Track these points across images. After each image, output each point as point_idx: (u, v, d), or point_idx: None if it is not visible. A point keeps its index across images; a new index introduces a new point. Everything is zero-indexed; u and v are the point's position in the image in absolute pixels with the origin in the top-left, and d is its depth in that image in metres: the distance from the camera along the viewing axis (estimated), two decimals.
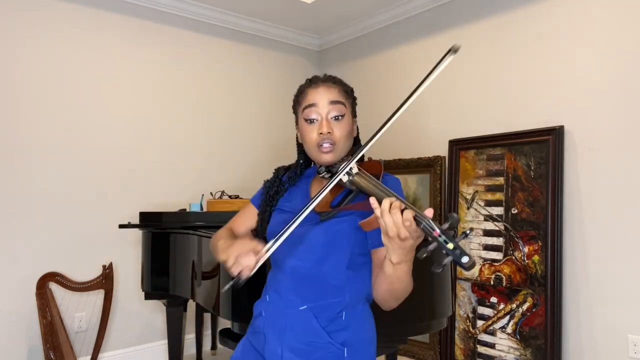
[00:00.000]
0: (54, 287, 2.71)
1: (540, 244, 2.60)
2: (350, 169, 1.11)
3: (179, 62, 3.42)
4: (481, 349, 2.81)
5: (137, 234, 3.06)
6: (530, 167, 2.69)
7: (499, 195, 2.81)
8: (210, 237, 2.02)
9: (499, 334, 2.73)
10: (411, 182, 3.35)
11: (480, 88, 3.03)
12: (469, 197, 2.96)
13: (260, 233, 1.30)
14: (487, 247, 2.83)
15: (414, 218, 0.94)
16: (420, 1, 3.33)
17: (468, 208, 2.96)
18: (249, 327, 1.31)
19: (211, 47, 3.59)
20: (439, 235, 0.90)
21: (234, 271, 1.03)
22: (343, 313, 1.17)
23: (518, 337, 2.65)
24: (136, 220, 2.73)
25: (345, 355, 1.14)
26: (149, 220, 2.60)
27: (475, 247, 2.90)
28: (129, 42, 3.19)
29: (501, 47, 2.93)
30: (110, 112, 3.09)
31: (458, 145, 3.06)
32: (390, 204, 0.96)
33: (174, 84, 3.39)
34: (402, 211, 0.94)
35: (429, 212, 0.94)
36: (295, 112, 1.29)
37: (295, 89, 1.30)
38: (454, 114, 3.17)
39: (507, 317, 2.71)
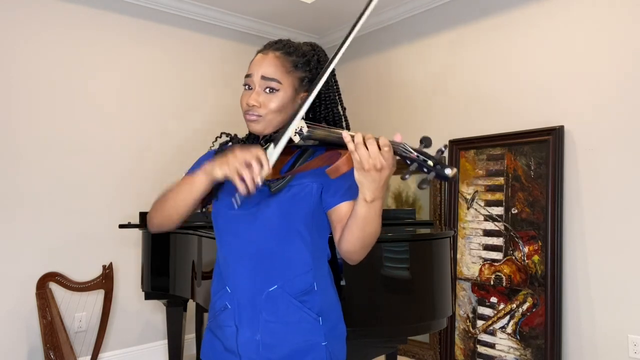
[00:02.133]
0: (54, 287, 2.71)
1: (540, 244, 2.60)
2: (301, 128, 1.07)
3: (179, 62, 3.42)
4: (481, 349, 2.81)
5: (137, 234, 3.06)
6: (530, 167, 2.69)
7: (499, 195, 2.81)
8: (210, 237, 2.03)
9: (499, 334, 2.73)
10: (411, 182, 3.35)
11: (481, 88, 3.03)
12: (469, 197, 2.96)
13: (207, 201, 1.23)
14: (487, 247, 2.83)
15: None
16: (420, 1, 3.33)
17: (468, 208, 2.96)
18: (209, 322, 1.25)
19: (211, 47, 3.59)
20: (417, 156, 0.90)
21: (245, 188, 0.98)
22: (314, 283, 1.16)
23: (518, 337, 2.65)
24: (136, 220, 2.73)
25: (321, 323, 1.14)
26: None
27: (475, 247, 2.90)
28: (129, 42, 3.19)
29: (501, 47, 2.93)
30: (110, 112, 3.10)
31: (458, 145, 3.05)
32: (363, 136, 0.95)
33: (174, 83, 3.39)
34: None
35: (398, 137, 0.95)
36: None
37: None
38: (454, 114, 3.17)
39: (507, 317, 2.71)
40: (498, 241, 2.79)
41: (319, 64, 1.22)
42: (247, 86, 1.19)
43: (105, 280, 2.67)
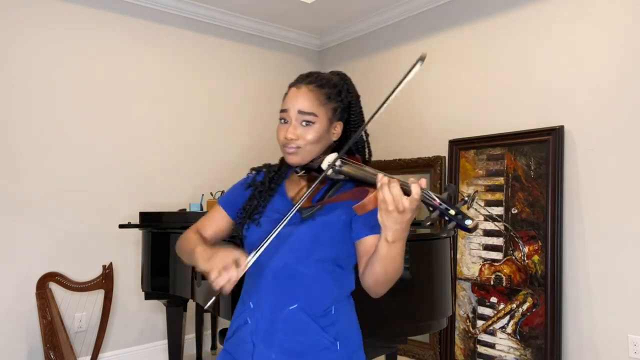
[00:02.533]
0: (54, 287, 2.71)
1: (540, 244, 2.61)
2: (334, 162, 1.12)
3: (179, 62, 3.42)
4: (481, 349, 2.81)
5: (137, 234, 3.06)
6: (530, 167, 2.69)
7: (499, 195, 2.81)
8: None
9: (499, 334, 2.73)
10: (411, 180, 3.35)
11: (481, 88, 3.03)
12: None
13: (242, 237, 1.28)
14: (487, 247, 2.83)
15: None
16: (420, 1, 3.33)
17: (468, 208, 2.95)
18: (226, 341, 1.27)
19: (211, 47, 3.59)
20: (440, 204, 0.93)
21: (217, 284, 1.03)
22: (332, 307, 1.18)
23: (518, 337, 2.65)
24: (136, 220, 2.73)
25: (338, 348, 1.16)
26: (149, 220, 2.60)
27: (475, 247, 2.90)
28: (129, 42, 3.19)
29: (501, 47, 2.93)
30: (111, 112, 3.10)
31: (458, 145, 3.06)
32: (388, 179, 0.98)
33: (174, 84, 3.39)
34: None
35: (423, 183, 0.98)
36: None
37: None
38: (454, 114, 3.17)
39: (507, 317, 2.71)
40: (498, 241, 2.79)
41: (348, 93, 1.30)
42: (283, 120, 1.23)
43: (105, 280, 2.67)
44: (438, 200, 0.93)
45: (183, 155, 3.40)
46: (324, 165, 1.13)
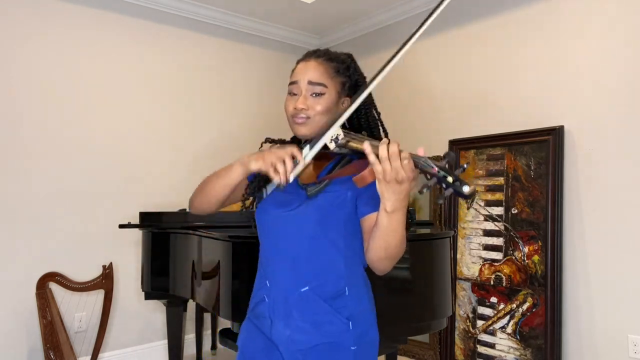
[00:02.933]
0: (54, 287, 2.71)
1: (540, 244, 2.60)
2: (337, 135, 1.10)
3: (179, 62, 3.42)
4: (481, 349, 2.81)
5: (137, 234, 3.06)
6: (530, 167, 2.69)
7: (499, 195, 2.81)
8: (210, 237, 2.03)
9: (499, 334, 2.73)
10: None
11: (480, 88, 3.03)
12: None
13: (247, 197, 1.29)
14: (487, 247, 2.83)
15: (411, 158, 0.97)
16: (420, 1, 3.33)
17: (468, 208, 2.96)
18: (249, 312, 1.30)
19: (211, 47, 3.59)
20: (438, 171, 0.92)
21: (275, 176, 1.04)
22: (346, 288, 1.18)
23: (518, 337, 2.65)
24: (136, 220, 2.72)
25: (351, 328, 1.17)
26: (149, 220, 2.60)
27: (475, 247, 2.90)
28: (129, 42, 3.19)
29: (501, 47, 2.93)
30: (110, 112, 3.09)
31: (458, 145, 3.06)
32: (387, 148, 0.98)
33: (174, 83, 3.39)
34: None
35: (421, 151, 0.98)
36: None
37: None
38: (454, 114, 3.17)
39: (507, 317, 2.71)
40: (498, 241, 2.79)
41: (355, 71, 1.30)
42: (291, 92, 1.25)
43: (105, 280, 2.67)
44: (436, 168, 0.93)
45: (183, 155, 3.40)
46: (326, 138, 1.11)
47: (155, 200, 3.22)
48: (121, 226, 2.63)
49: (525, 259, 2.66)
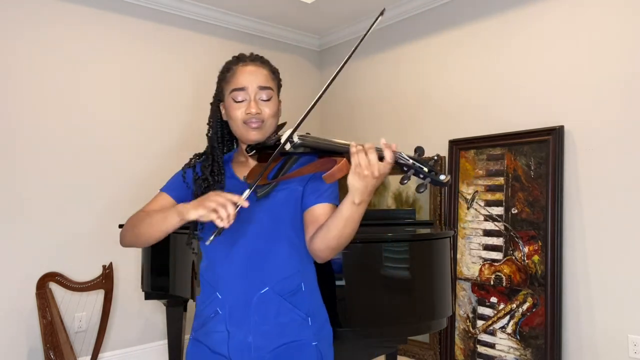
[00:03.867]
0: (54, 287, 2.71)
1: (540, 244, 2.60)
2: (292, 137, 1.13)
3: (179, 62, 3.42)
4: (481, 349, 2.81)
5: None
6: (530, 167, 2.69)
7: (499, 195, 2.81)
8: None
9: (499, 334, 2.74)
10: (411, 182, 3.35)
11: (480, 88, 3.03)
12: (469, 197, 2.96)
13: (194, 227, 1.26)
14: (487, 247, 2.83)
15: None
16: (420, 1, 3.33)
17: (468, 208, 2.96)
18: (195, 332, 1.26)
19: (211, 47, 3.59)
20: (413, 164, 0.99)
21: (218, 221, 1.01)
22: (302, 284, 1.20)
23: (518, 337, 2.65)
24: None
25: (310, 323, 1.18)
26: None
27: (475, 247, 2.90)
28: (128, 42, 3.19)
29: (501, 47, 2.93)
30: (110, 112, 3.09)
31: (458, 145, 3.06)
32: (364, 145, 1.03)
33: (174, 83, 3.39)
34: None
35: (394, 146, 1.03)
36: (221, 89, 1.29)
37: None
38: (454, 114, 3.17)
39: (507, 317, 2.71)
40: (498, 241, 2.79)
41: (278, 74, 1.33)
42: (238, 99, 1.23)
43: (105, 280, 2.67)
44: (411, 161, 0.98)
45: (183, 155, 3.39)
46: (283, 140, 1.13)
47: None
48: (121, 226, 2.63)
49: (525, 259, 2.66)
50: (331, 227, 1.12)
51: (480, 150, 2.93)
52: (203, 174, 1.27)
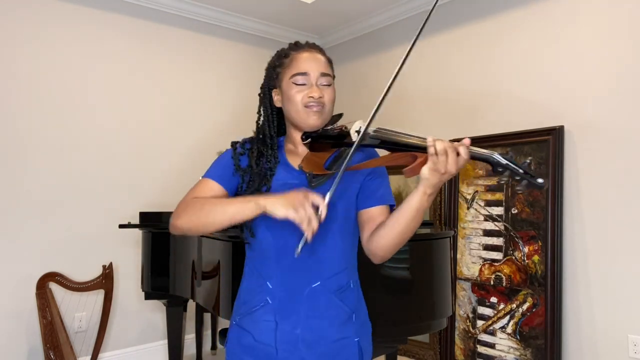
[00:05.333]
0: (54, 287, 2.71)
1: (540, 244, 2.60)
2: (360, 127, 1.13)
3: (179, 62, 3.42)
4: (481, 349, 2.81)
5: (137, 234, 3.06)
6: (530, 167, 2.69)
7: (499, 195, 2.81)
8: (210, 237, 2.03)
9: (499, 334, 2.73)
10: (411, 182, 3.35)
11: (481, 88, 3.03)
12: (469, 197, 2.96)
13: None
14: (487, 247, 2.83)
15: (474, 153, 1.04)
16: (420, 1, 3.33)
17: (468, 208, 2.96)
18: (241, 319, 1.23)
19: (211, 47, 3.59)
20: (508, 164, 1.00)
21: (308, 231, 0.99)
22: (350, 282, 1.22)
23: (518, 337, 2.65)
24: (136, 220, 2.73)
25: (354, 319, 1.20)
26: (149, 220, 2.60)
27: (475, 247, 2.90)
28: (129, 42, 3.19)
29: (501, 47, 2.93)
30: (110, 112, 3.10)
31: None
32: (445, 143, 1.03)
33: (174, 83, 3.39)
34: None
35: (467, 141, 1.04)
36: (277, 75, 1.29)
37: None
38: (454, 114, 3.17)
39: (507, 317, 2.71)
40: (498, 241, 2.79)
41: None
42: (300, 83, 1.23)
43: (105, 280, 2.67)
44: (505, 161, 1.00)
45: (183, 155, 3.40)
46: (353, 131, 1.13)
47: (155, 200, 3.22)
48: (121, 226, 2.64)
49: (525, 259, 2.66)
50: (399, 221, 1.11)
51: None
52: (259, 160, 1.23)
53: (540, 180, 0.95)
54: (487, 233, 2.84)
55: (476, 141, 2.98)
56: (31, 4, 2.82)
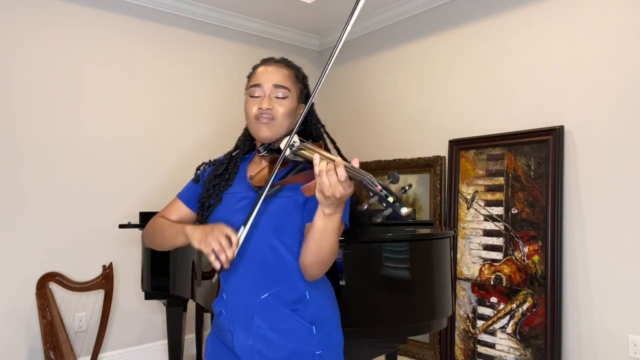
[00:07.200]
0: (54, 287, 2.71)
1: (540, 244, 2.61)
2: (294, 142, 1.12)
3: (179, 62, 3.42)
4: (481, 349, 2.81)
5: (137, 234, 3.06)
6: (530, 167, 2.69)
7: (499, 195, 2.81)
8: None
9: (499, 334, 2.74)
10: (411, 182, 3.35)
11: (480, 88, 3.03)
12: (469, 197, 2.96)
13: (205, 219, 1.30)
14: (487, 247, 2.83)
15: (357, 176, 0.98)
16: (420, 1, 3.33)
17: (468, 208, 2.96)
18: (213, 324, 1.32)
19: (211, 47, 3.59)
20: (381, 191, 0.95)
21: (216, 265, 1.06)
22: (306, 293, 1.19)
23: (518, 337, 2.65)
24: (136, 220, 2.72)
25: (314, 332, 1.17)
26: (148, 220, 2.59)
27: (475, 247, 2.90)
28: (129, 42, 3.19)
29: (501, 47, 2.93)
30: (110, 112, 3.09)
31: (458, 145, 3.06)
32: (327, 164, 0.99)
33: (174, 83, 3.39)
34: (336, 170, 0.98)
35: (355, 162, 0.99)
36: (245, 89, 1.33)
37: None
38: (454, 114, 3.17)
39: (507, 317, 2.71)
40: (498, 241, 2.79)
41: (306, 82, 1.34)
42: (253, 96, 1.26)
43: (105, 280, 2.67)
44: (379, 187, 0.95)
45: (183, 154, 3.40)
46: (282, 145, 1.13)
47: (155, 200, 3.22)
48: (121, 226, 2.64)
49: (525, 259, 2.66)
50: (309, 240, 1.11)
51: (480, 150, 2.94)
52: (216, 170, 1.32)
53: (404, 210, 0.93)
54: (487, 233, 2.84)
55: (476, 141, 3.00)
56: (31, 4, 2.81)
